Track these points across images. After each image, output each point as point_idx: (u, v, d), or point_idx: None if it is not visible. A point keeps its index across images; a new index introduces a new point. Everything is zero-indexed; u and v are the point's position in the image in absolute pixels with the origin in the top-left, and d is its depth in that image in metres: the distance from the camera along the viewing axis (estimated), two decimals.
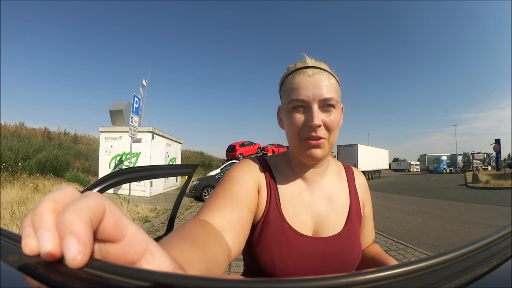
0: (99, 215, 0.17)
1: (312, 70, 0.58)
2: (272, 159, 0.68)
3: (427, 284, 0.19)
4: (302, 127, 0.57)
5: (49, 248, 0.16)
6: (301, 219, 0.61)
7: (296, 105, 0.57)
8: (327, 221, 0.62)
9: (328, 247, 0.59)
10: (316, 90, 0.56)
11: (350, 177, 0.71)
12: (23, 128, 14.39)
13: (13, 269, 0.17)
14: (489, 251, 0.26)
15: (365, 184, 0.74)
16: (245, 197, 0.55)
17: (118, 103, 10.50)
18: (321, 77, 0.57)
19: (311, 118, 0.55)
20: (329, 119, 0.57)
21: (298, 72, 0.59)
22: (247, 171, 0.61)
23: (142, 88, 9.87)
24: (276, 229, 0.58)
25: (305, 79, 0.57)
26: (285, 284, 0.17)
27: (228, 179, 0.58)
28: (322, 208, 0.63)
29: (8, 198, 6.09)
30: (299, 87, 0.57)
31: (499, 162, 23.62)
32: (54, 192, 0.19)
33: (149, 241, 0.20)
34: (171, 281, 0.15)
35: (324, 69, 0.59)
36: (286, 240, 0.57)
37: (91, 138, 18.31)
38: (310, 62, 0.60)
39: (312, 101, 0.56)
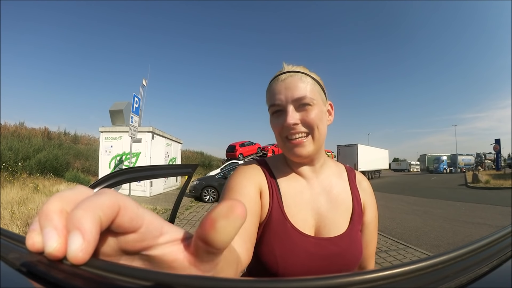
0: (111, 214, 0.17)
1: (285, 75, 0.61)
2: (271, 160, 0.69)
3: (427, 284, 0.19)
4: (282, 128, 0.60)
5: (54, 246, 0.16)
6: (303, 217, 0.61)
7: (275, 110, 0.61)
8: (329, 219, 0.62)
9: (331, 248, 0.59)
10: (288, 93, 0.59)
11: (351, 179, 0.71)
12: (23, 128, 14.38)
13: (13, 269, 0.17)
14: (489, 251, 0.26)
15: (369, 188, 0.73)
16: (248, 204, 0.55)
17: (118, 103, 10.49)
18: (293, 79, 0.60)
19: (285, 118, 0.59)
20: (307, 116, 0.59)
21: (274, 80, 0.62)
22: (247, 177, 0.62)
23: (142, 88, 9.88)
24: (279, 229, 0.59)
25: (279, 84, 0.61)
26: (285, 284, 0.17)
27: (229, 190, 0.59)
28: (323, 205, 0.63)
29: (8, 198, 6.09)
30: (274, 92, 0.61)
31: (499, 162, 23.60)
32: (65, 191, 0.19)
33: (163, 223, 0.20)
34: (171, 281, 0.15)
35: (298, 71, 0.61)
36: (289, 240, 0.58)
37: (91, 138, 18.32)
38: (285, 69, 0.63)
39: (286, 103, 0.59)
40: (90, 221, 0.16)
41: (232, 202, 0.18)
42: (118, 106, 10.26)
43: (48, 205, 0.17)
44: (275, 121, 0.62)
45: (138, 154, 9.42)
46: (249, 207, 0.56)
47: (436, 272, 0.20)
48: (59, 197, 0.18)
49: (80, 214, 0.16)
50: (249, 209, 0.55)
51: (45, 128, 15.64)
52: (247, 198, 0.57)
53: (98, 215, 0.16)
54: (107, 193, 0.18)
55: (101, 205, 0.17)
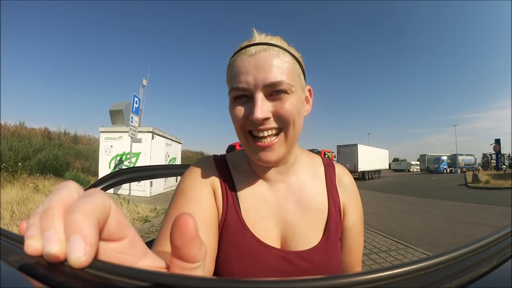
0: (106, 215, 0.17)
1: (256, 48, 0.46)
2: (232, 157, 0.58)
3: (427, 284, 0.19)
4: (245, 120, 0.47)
5: (54, 250, 0.16)
6: (266, 226, 0.51)
7: (237, 95, 0.47)
8: (298, 230, 0.52)
9: (302, 263, 0.49)
10: (259, 74, 0.44)
11: (329, 177, 0.58)
12: (23, 128, 14.38)
13: (13, 269, 0.17)
14: (489, 251, 0.26)
15: (352, 185, 0.60)
16: (202, 213, 0.48)
17: (118, 103, 10.49)
18: (267, 54, 0.45)
19: (253, 110, 0.44)
20: (282, 108, 0.46)
21: (239, 53, 0.47)
22: (199, 179, 0.52)
23: (142, 88, 9.88)
24: (237, 239, 0.49)
25: (246, 60, 0.45)
26: (285, 284, 0.17)
27: (180, 195, 0.50)
28: (291, 213, 0.53)
29: (8, 198, 6.09)
30: (239, 71, 0.46)
31: (499, 162, 23.61)
32: (62, 192, 0.18)
33: (146, 247, 0.20)
34: (171, 281, 0.15)
35: (273, 44, 0.47)
36: (248, 252, 0.48)
37: (91, 138, 18.31)
38: (256, 39, 0.48)
39: (254, 88, 0.45)
40: (90, 224, 0.16)
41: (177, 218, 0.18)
42: (118, 106, 10.26)
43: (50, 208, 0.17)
44: (236, 109, 0.47)
45: (138, 154, 9.42)
46: (205, 216, 0.48)
47: (436, 272, 0.20)
48: (60, 200, 0.18)
49: (79, 217, 0.16)
50: (204, 218, 0.47)
51: (45, 128, 15.65)
52: (201, 203, 0.49)
53: (96, 217, 0.16)
54: (98, 194, 0.18)
55: (97, 206, 0.17)
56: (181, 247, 0.17)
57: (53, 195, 0.18)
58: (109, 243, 0.18)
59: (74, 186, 0.19)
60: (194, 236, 0.18)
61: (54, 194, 0.18)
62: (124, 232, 0.18)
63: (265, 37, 0.49)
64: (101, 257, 0.18)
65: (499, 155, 23.43)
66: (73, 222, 0.16)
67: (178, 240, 0.17)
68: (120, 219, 0.18)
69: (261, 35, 0.49)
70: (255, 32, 0.49)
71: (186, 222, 0.17)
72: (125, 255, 0.18)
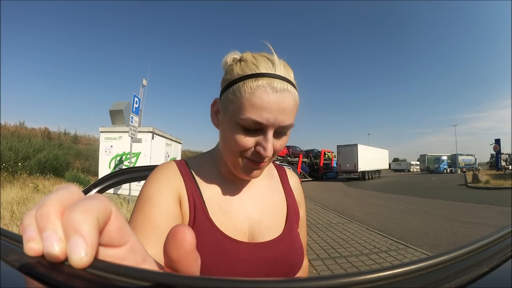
0: (106, 217, 0.17)
1: (281, 83, 0.47)
2: (193, 161, 0.60)
3: (427, 284, 0.19)
4: (249, 149, 0.49)
5: (56, 250, 0.16)
6: (234, 224, 0.55)
7: (250, 127, 0.48)
8: (263, 224, 0.57)
9: (270, 252, 0.54)
10: (279, 115, 0.46)
11: (283, 177, 0.66)
12: (23, 128, 14.38)
13: (13, 269, 0.17)
14: (489, 251, 0.26)
15: (299, 185, 0.69)
16: (167, 220, 0.48)
17: (118, 103, 10.49)
18: (289, 96, 0.47)
19: (264, 148, 0.48)
20: (279, 144, 0.50)
21: (264, 82, 0.46)
22: (163, 183, 0.53)
23: (142, 88, 9.88)
24: (208, 238, 0.51)
25: (271, 96, 0.46)
26: (285, 284, 0.17)
27: (145, 200, 0.50)
28: (254, 211, 0.57)
29: (8, 198, 6.09)
30: (262, 106, 0.46)
31: (499, 162, 23.61)
32: (60, 192, 0.18)
33: (146, 253, 0.20)
34: (171, 281, 0.15)
35: (291, 85, 0.48)
36: (221, 248, 0.51)
37: (91, 138, 18.31)
38: (279, 67, 0.48)
39: (270, 126, 0.47)
40: (89, 223, 0.16)
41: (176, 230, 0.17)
42: (118, 106, 10.26)
43: (47, 207, 0.17)
44: (244, 139, 0.48)
45: (138, 154, 9.42)
46: (170, 222, 0.48)
47: (436, 272, 0.20)
48: (57, 199, 0.17)
49: (78, 217, 0.16)
50: (170, 225, 0.47)
51: (45, 128, 15.65)
52: (166, 210, 0.50)
53: (96, 217, 0.16)
54: (99, 197, 0.18)
55: (97, 207, 0.17)
56: (177, 260, 0.17)
57: (50, 195, 0.18)
58: (109, 249, 0.18)
59: (74, 189, 0.19)
60: (191, 251, 0.17)
61: (51, 194, 0.18)
62: (125, 238, 0.18)
63: (283, 65, 0.49)
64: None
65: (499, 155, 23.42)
66: (72, 221, 0.16)
67: (174, 253, 0.17)
68: (121, 225, 0.18)
69: (280, 60, 0.49)
70: (275, 55, 0.49)
71: (184, 235, 0.17)
72: (125, 261, 0.18)
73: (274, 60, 0.49)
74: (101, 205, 0.17)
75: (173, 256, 0.17)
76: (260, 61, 0.49)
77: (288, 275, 0.56)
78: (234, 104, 0.48)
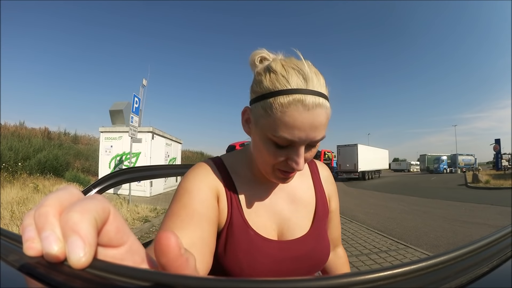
0: (104, 217, 0.17)
1: (313, 99, 0.45)
2: (229, 160, 0.61)
3: (427, 284, 0.19)
4: (280, 162, 0.50)
5: (55, 250, 0.16)
6: (264, 222, 0.57)
7: (283, 144, 0.48)
8: (292, 221, 0.59)
9: (296, 249, 0.57)
10: (311, 133, 0.46)
11: (314, 172, 0.67)
12: (23, 128, 14.37)
13: (13, 269, 0.17)
14: (489, 251, 0.26)
15: (330, 177, 0.70)
16: (205, 211, 0.50)
17: (118, 103, 10.49)
18: (321, 112, 0.46)
19: (297, 162, 0.48)
20: (309, 154, 0.51)
21: (295, 100, 0.44)
22: (203, 180, 0.55)
23: (142, 88, 9.88)
24: (242, 236, 0.54)
25: (303, 115, 0.44)
26: (285, 284, 0.17)
27: (183, 193, 0.52)
28: (285, 209, 0.60)
29: (8, 198, 6.08)
30: (294, 126, 0.45)
31: (499, 162, 23.61)
32: (59, 192, 0.18)
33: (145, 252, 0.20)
34: (171, 281, 0.15)
35: (324, 98, 0.46)
36: (253, 247, 0.54)
37: (91, 138, 18.30)
38: (311, 80, 0.46)
39: (302, 142, 0.47)
40: (87, 223, 0.16)
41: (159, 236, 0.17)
42: (118, 106, 10.26)
43: (45, 207, 0.17)
44: (276, 153, 0.49)
45: (138, 154, 9.42)
46: (207, 214, 0.50)
47: (436, 272, 0.20)
48: (56, 199, 0.17)
49: (76, 217, 0.16)
50: (207, 216, 0.50)
51: (45, 128, 15.63)
52: (205, 203, 0.51)
53: (94, 217, 0.16)
54: (97, 197, 0.18)
55: (95, 207, 0.17)
56: (166, 265, 0.17)
57: (49, 195, 0.18)
58: (108, 249, 0.18)
59: (74, 189, 0.19)
60: (177, 255, 0.17)
61: (50, 194, 0.18)
62: (123, 239, 0.18)
63: (316, 78, 0.46)
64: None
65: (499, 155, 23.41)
66: (70, 221, 0.16)
67: (161, 260, 0.17)
68: (119, 225, 0.18)
69: (313, 74, 0.46)
70: (307, 66, 0.47)
71: (168, 241, 0.17)
72: (124, 262, 0.18)
73: (306, 73, 0.46)
74: (99, 205, 0.17)
75: (162, 262, 0.17)
76: (291, 74, 0.46)
77: (312, 272, 0.59)
78: (266, 120, 0.48)
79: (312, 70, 0.47)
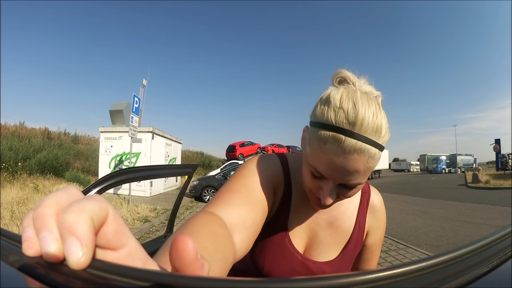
0: (102, 217, 0.17)
1: (353, 144, 0.42)
2: (293, 164, 0.60)
3: (427, 284, 0.19)
4: (313, 187, 0.50)
5: (52, 250, 0.16)
6: (300, 234, 0.59)
7: (316, 174, 0.48)
8: (322, 244, 0.59)
9: (317, 271, 0.57)
10: (343, 175, 0.45)
11: (363, 202, 0.63)
12: (23, 128, 14.37)
13: (13, 269, 0.17)
14: (489, 251, 0.26)
15: (381, 211, 0.65)
16: (262, 198, 0.50)
17: (118, 103, 10.49)
18: (359, 158, 0.42)
19: (323, 197, 0.48)
20: (345, 195, 0.49)
21: (334, 138, 0.43)
22: (268, 169, 0.55)
23: (142, 88, 9.87)
24: (277, 240, 0.56)
25: (338, 155, 0.43)
26: (285, 284, 0.17)
27: (247, 174, 0.52)
28: (320, 230, 0.60)
29: (8, 198, 6.09)
30: (327, 162, 0.44)
31: (499, 162, 23.60)
32: (57, 193, 0.18)
33: (148, 257, 0.19)
34: (171, 281, 0.15)
35: (370, 145, 0.42)
36: (281, 252, 0.56)
37: (91, 138, 18.31)
38: (359, 124, 0.42)
39: (333, 180, 0.46)
40: (84, 223, 0.16)
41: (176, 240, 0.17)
42: (118, 106, 10.26)
43: (43, 207, 0.17)
44: (311, 180, 0.49)
45: (138, 154, 9.42)
46: (263, 202, 0.50)
47: (436, 272, 0.20)
48: (54, 199, 0.17)
49: (71, 217, 0.16)
50: (263, 204, 0.50)
51: (45, 128, 15.64)
52: (264, 189, 0.51)
53: (90, 217, 0.16)
54: (96, 198, 0.17)
55: (92, 207, 0.16)
56: (180, 270, 0.17)
57: (48, 196, 0.18)
58: (107, 252, 0.17)
59: (73, 190, 0.19)
60: (193, 261, 0.17)
61: (49, 195, 0.18)
62: (123, 241, 0.18)
63: (372, 119, 0.42)
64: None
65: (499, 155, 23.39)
66: (66, 222, 0.16)
67: (176, 263, 0.17)
68: (118, 227, 0.18)
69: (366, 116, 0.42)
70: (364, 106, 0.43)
71: (184, 245, 0.17)
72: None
73: (358, 114, 0.42)
74: (96, 205, 0.17)
75: (176, 266, 0.17)
76: (341, 111, 0.43)
77: None
78: (309, 147, 0.48)
79: (370, 110, 0.43)
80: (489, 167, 38.28)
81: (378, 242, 0.65)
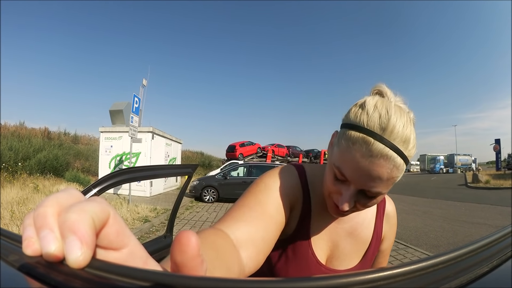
0: (103, 218, 0.17)
1: (381, 148, 0.42)
2: (311, 174, 0.60)
3: (427, 284, 0.19)
4: (333, 191, 0.50)
5: (52, 249, 0.16)
6: (322, 246, 0.59)
7: (339, 176, 0.48)
8: (343, 253, 0.61)
9: None
10: (366, 180, 0.45)
11: (379, 210, 0.65)
12: (23, 128, 14.37)
13: (13, 269, 0.17)
14: (489, 251, 0.26)
15: (393, 217, 0.67)
16: (276, 215, 0.50)
17: (118, 103, 10.49)
18: (385, 164, 0.43)
19: (341, 202, 0.48)
20: (365, 205, 0.48)
21: (363, 139, 0.44)
22: (284, 184, 0.54)
23: (142, 88, 9.88)
24: (300, 254, 0.57)
25: (364, 158, 0.43)
26: (285, 284, 0.17)
27: (262, 189, 0.52)
28: (341, 240, 0.61)
29: (8, 198, 6.09)
30: (351, 163, 0.45)
31: (499, 162, 23.61)
32: (58, 194, 0.18)
33: (148, 256, 0.20)
34: (171, 281, 0.15)
35: (397, 153, 0.43)
36: (305, 266, 0.57)
37: (91, 138, 18.31)
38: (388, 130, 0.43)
39: (353, 184, 0.46)
40: (85, 223, 0.16)
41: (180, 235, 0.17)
42: (118, 106, 10.26)
43: (44, 207, 0.17)
44: (332, 179, 0.49)
45: (138, 154, 9.42)
46: (277, 218, 0.50)
47: (436, 272, 0.20)
48: (55, 200, 0.18)
49: (73, 217, 0.16)
50: (276, 220, 0.49)
51: (45, 128, 15.64)
52: (279, 206, 0.51)
53: (91, 217, 0.16)
54: (98, 200, 0.18)
55: (93, 208, 0.17)
56: (180, 265, 0.17)
57: (48, 196, 0.18)
58: (109, 252, 0.18)
59: (74, 191, 0.19)
60: (195, 256, 0.17)
61: (50, 195, 0.18)
62: (124, 241, 0.18)
63: (402, 129, 0.44)
64: None
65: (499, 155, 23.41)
66: (67, 221, 0.16)
67: (178, 258, 0.17)
68: (120, 228, 0.18)
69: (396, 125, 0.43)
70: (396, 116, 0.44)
71: (188, 240, 0.17)
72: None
73: (390, 121, 0.43)
74: (97, 206, 0.17)
75: (177, 261, 0.17)
76: (374, 115, 0.45)
77: None
78: (336, 147, 0.49)
79: (401, 120, 0.44)
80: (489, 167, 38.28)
81: (389, 249, 0.69)
